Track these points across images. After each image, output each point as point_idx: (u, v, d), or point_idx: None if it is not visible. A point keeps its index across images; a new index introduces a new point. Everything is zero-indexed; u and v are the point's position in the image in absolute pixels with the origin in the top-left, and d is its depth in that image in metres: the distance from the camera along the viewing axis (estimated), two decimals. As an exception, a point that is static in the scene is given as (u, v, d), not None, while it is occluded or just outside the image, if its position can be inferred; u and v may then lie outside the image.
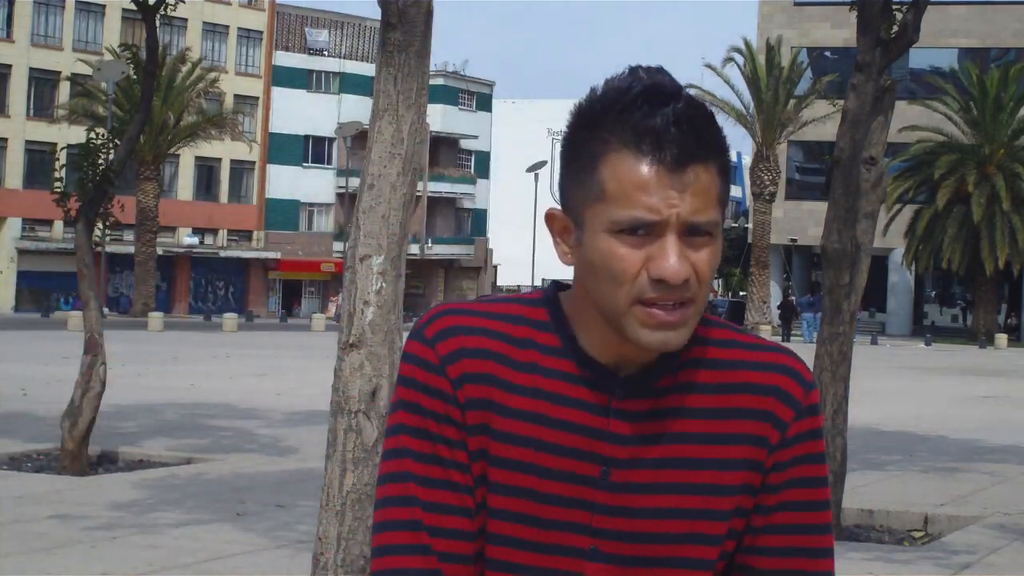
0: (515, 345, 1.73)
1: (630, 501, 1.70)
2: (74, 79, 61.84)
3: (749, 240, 66.58)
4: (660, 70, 1.69)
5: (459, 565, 1.71)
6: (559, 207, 1.74)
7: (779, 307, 58.50)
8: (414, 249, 71.41)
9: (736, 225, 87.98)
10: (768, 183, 61.36)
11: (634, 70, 1.69)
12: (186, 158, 70.21)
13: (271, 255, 75.19)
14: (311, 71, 78.42)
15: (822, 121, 54.66)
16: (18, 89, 65.96)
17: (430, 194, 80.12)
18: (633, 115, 1.64)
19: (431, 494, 1.72)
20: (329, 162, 79.37)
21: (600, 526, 1.70)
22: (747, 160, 73.80)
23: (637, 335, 1.65)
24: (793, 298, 59.99)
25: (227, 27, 74.38)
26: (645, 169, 1.63)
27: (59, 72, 65.59)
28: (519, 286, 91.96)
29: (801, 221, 62.96)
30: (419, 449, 1.73)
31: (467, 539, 1.72)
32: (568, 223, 1.70)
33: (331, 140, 77.98)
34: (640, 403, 1.71)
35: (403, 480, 1.73)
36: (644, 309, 1.64)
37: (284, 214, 76.86)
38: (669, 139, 1.62)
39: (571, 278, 1.80)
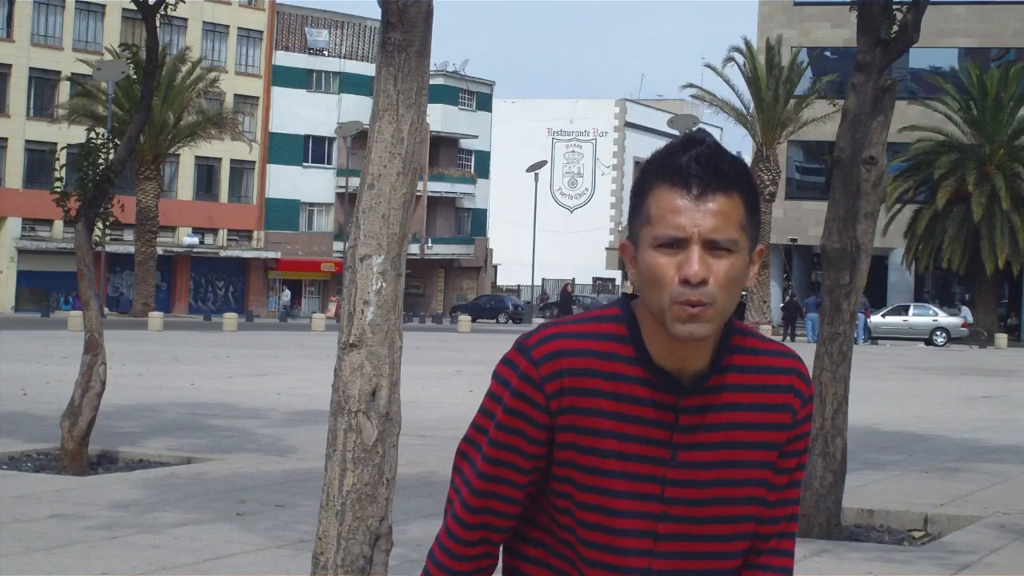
0: (604, 359, 2.27)
1: (694, 475, 2.28)
2: (74, 79, 61.86)
3: (749, 240, 66.44)
4: (706, 133, 2.24)
5: (498, 519, 2.32)
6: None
7: (782, 308, 58.40)
8: (414, 249, 71.44)
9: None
10: (768, 183, 61.35)
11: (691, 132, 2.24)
12: (186, 158, 70.24)
13: (271, 255, 75.20)
14: (311, 71, 78.42)
15: (822, 121, 54.65)
16: (18, 89, 65.99)
17: (430, 194, 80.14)
18: (670, 158, 2.19)
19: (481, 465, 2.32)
20: (329, 162, 79.37)
21: (670, 495, 2.28)
22: (747, 160, 73.80)
23: (673, 328, 2.18)
24: (797, 298, 59.95)
25: (227, 27, 74.40)
26: (675, 197, 2.18)
27: (59, 72, 65.63)
28: (519, 286, 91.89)
29: (801, 221, 62.96)
30: (482, 425, 2.33)
31: (510, 503, 2.32)
32: (632, 248, 2.24)
33: (331, 140, 77.99)
34: (698, 400, 2.28)
35: (466, 443, 2.36)
36: (677, 306, 2.17)
37: (284, 214, 76.87)
38: (691, 173, 2.17)
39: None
